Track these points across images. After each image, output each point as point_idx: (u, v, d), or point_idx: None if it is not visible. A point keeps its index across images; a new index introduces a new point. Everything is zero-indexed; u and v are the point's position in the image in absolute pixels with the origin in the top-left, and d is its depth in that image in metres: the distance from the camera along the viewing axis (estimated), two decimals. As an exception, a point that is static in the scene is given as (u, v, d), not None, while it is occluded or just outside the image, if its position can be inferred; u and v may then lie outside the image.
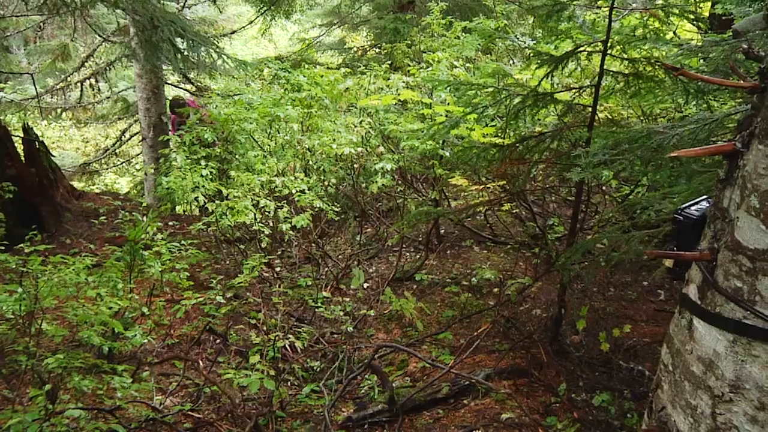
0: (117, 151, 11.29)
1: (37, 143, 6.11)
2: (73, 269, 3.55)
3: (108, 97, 10.87)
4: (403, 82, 5.25)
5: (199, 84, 10.19)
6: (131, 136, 10.95)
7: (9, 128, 6.22)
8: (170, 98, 7.86)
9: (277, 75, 6.47)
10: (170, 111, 7.65)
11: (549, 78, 3.28)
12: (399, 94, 4.97)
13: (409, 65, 6.26)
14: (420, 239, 5.65)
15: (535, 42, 5.24)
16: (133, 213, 5.99)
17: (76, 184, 10.47)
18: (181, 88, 10.76)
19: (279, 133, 5.90)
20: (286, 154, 5.60)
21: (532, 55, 3.49)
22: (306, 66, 6.64)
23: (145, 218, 4.38)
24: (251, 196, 4.79)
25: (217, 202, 4.80)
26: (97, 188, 12.74)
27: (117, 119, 11.11)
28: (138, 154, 11.61)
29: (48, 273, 3.43)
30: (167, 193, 5.82)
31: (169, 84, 10.08)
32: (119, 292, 3.63)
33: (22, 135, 6.14)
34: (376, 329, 4.32)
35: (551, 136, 3.52)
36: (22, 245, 3.69)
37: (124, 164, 11.67)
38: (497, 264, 5.04)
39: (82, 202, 6.77)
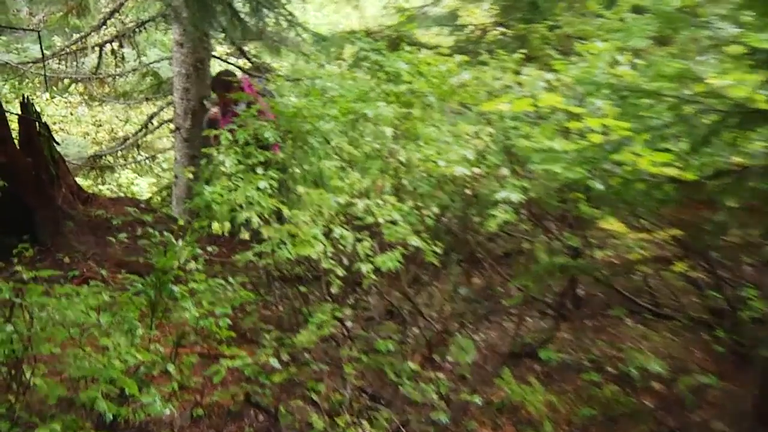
0: (139, 141, 11.83)
1: (38, 125, 6.51)
2: (81, 304, 3.70)
3: (134, 69, 11.44)
4: (543, 80, 5.24)
5: (256, 61, 10.58)
6: (160, 124, 11.47)
7: (2, 100, 6.64)
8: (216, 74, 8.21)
9: (366, 57, 6.61)
10: (214, 90, 7.97)
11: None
12: (536, 98, 4.96)
13: (551, 56, 6.23)
14: (549, 300, 5.58)
15: (742, 31, 5.09)
16: (159, 228, 6.26)
17: (81, 181, 11.04)
18: (230, 63, 11.18)
19: (364, 137, 6.01)
20: (372, 168, 5.67)
21: (739, 51, 3.42)
22: (406, 48, 6.73)
23: (179, 241, 4.55)
24: (322, 221, 4.88)
25: (274, 225, 4.93)
26: (108, 189, 13.43)
27: (143, 99, 11.67)
28: (168, 149, 12.17)
29: (48, 308, 3.56)
30: (207, 206, 6.04)
31: (215, 57, 10.52)
32: (136, 339, 3.77)
33: (18, 112, 6.56)
34: (481, 423, 4.28)
35: (760, 172, 3.43)
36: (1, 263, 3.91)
37: (147, 160, 12.26)
38: (659, 347, 4.90)
39: (90, 209, 7.16)
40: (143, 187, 13.23)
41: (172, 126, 10.56)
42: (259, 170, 5.70)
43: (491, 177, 5.44)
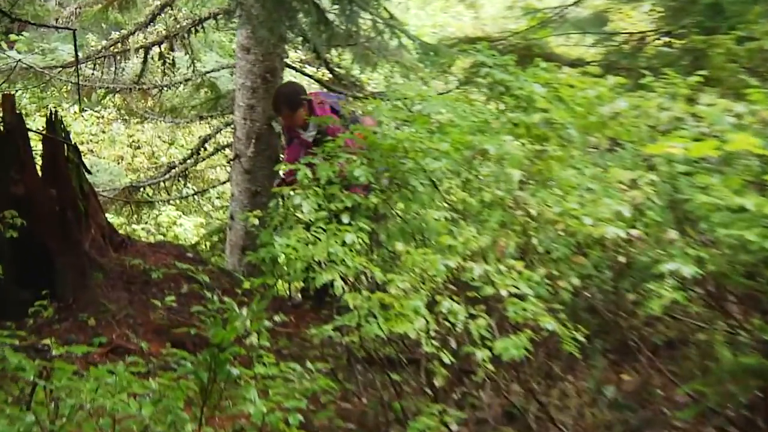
0: (187, 171, 12.07)
1: (67, 148, 6.69)
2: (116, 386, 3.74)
3: (186, 79, 11.67)
4: (731, 113, 5.11)
5: (339, 72, 10.72)
6: (216, 150, 11.68)
7: (23, 115, 6.80)
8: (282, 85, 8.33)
9: (488, 74, 6.60)
10: (275, 108, 8.07)
11: None
12: (722, 139, 4.84)
13: (742, 80, 6.08)
14: (732, 415, 5.37)
15: None
16: (209, 285, 6.32)
17: (111, 219, 11.30)
18: (305, 74, 11.36)
19: (482, 180, 5.97)
20: (492, 222, 5.63)
21: None
22: (542, 64, 6.70)
23: (243, 309, 4.57)
24: (425, 290, 4.85)
25: (364, 293, 4.91)
26: (144, 230, 13.75)
27: (195, 117, 11.93)
28: (223, 182, 12.36)
29: (75, 392, 3.60)
30: (273, 262, 6.08)
31: (289, 67, 10.68)
32: (183, 436, 3.78)
33: (43, 130, 6.74)
34: None
35: None
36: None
37: (195, 196, 12.52)
38: None
39: (124, 256, 7.30)
40: (188, 229, 13.48)
41: (229, 153, 10.75)
42: (345, 218, 5.72)
43: (653, 241, 5.33)
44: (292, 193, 5.89)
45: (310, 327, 5.59)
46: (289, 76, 10.74)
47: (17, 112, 6.29)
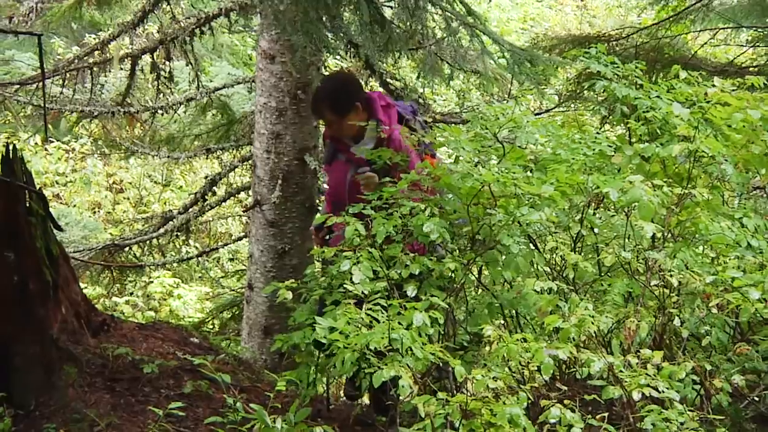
0: (190, 224, 12.10)
1: (29, 195, 6.69)
2: None
3: (188, 99, 11.71)
4: None
5: (395, 86, 10.73)
6: (228, 195, 11.71)
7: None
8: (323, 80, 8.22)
9: (605, 88, 6.56)
10: (315, 110, 7.71)
11: None
12: None
13: None
14: None
15: None
16: (223, 384, 6.28)
17: (88, 290, 11.29)
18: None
19: (600, 236, 5.92)
20: (614, 292, 5.59)
21: None
22: (678, 71, 6.64)
23: (278, 421, 4.57)
24: (525, 391, 4.80)
25: (440, 395, 4.88)
26: (129, 304, 13.80)
27: (201, 151, 11.96)
28: (238, 239, 12.32)
29: None
30: (311, 350, 6.05)
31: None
32: None
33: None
34: None
35: None
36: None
37: (200, 257, 12.54)
38: None
39: (106, 343, 7.28)
40: (189, 302, 13.48)
41: (247, 199, 10.77)
42: (410, 291, 5.69)
43: None
44: (336, 256, 5.90)
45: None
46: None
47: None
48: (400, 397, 5.17)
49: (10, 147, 6.59)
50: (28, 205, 6.59)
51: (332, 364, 5.46)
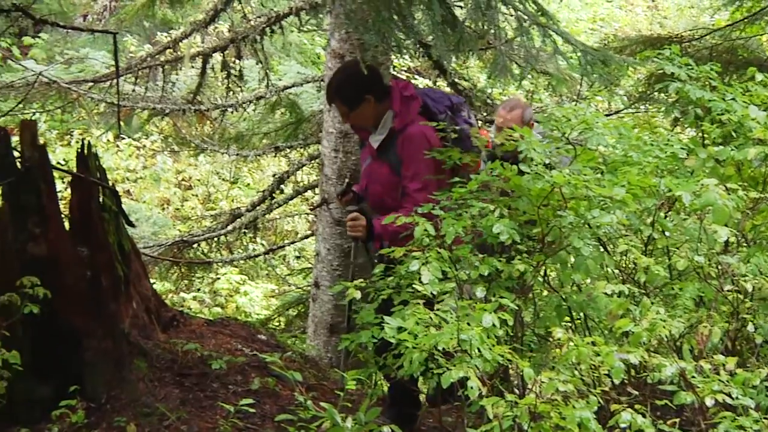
0: (257, 221, 12.09)
1: (102, 191, 6.67)
2: None
3: (258, 97, 11.74)
4: None
5: (463, 86, 10.68)
6: (296, 193, 11.71)
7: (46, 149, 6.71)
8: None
9: (679, 90, 6.48)
10: (328, 99, 7.71)
11: None
12: None
13: None
14: None
15: None
16: (287, 382, 6.25)
17: (157, 286, 11.26)
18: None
19: (666, 234, 5.85)
20: (685, 296, 5.52)
21: None
22: (754, 73, 6.55)
23: (348, 421, 4.53)
24: (595, 394, 4.74)
25: (508, 397, 4.83)
26: (196, 300, 13.82)
27: (269, 149, 11.95)
28: (305, 237, 12.30)
29: None
30: (380, 348, 6.00)
31: (396, 78, 10.67)
32: None
33: (70, 168, 6.68)
34: None
35: None
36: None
37: (267, 255, 12.54)
38: None
39: (176, 338, 7.27)
40: (255, 299, 13.47)
41: (314, 197, 10.75)
42: (479, 292, 5.64)
43: None
44: (405, 256, 5.85)
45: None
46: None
47: (39, 143, 6.28)
48: (468, 398, 5.12)
49: (86, 146, 6.60)
50: (101, 200, 6.61)
51: (399, 363, 5.43)
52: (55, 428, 5.59)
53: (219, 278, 13.72)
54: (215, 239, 11.71)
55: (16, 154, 6.16)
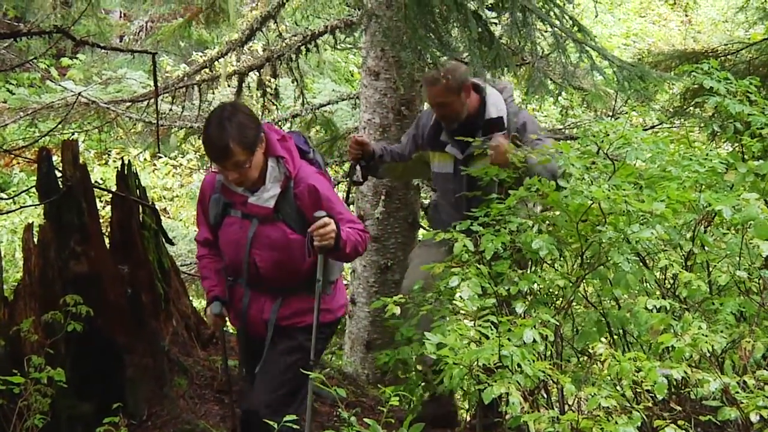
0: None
1: (142, 210, 6.69)
2: None
3: (294, 115, 11.76)
4: None
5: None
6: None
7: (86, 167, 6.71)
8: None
9: (717, 104, 6.41)
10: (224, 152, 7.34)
11: None
12: None
13: None
14: None
15: None
16: (329, 399, 6.21)
17: (195, 303, 11.31)
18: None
19: (706, 249, 5.79)
20: (725, 311, 5.45)
21: None
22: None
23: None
24: (638, 410, 4.69)
25: (550, 413, 4.78)
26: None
27: (304, 166, 11.97)
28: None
29: None
30: (418, 366, 5.96)
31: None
32: None
33: (109, 188, 6.71)
34: None
35: None
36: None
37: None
38: None
39: (216, 356, 7.27)
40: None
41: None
42: (519, 307, 5.60)
43: None
44: (446, 272, 5.82)
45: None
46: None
47: (81, 163, 6.29)
48: (509, 414, 5.08)
49: (126, 165, 6.63)
50: (141, 219, 6.62)
51: (439, 379, 5.40)
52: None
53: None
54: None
55: (58, 173, 6.18)
